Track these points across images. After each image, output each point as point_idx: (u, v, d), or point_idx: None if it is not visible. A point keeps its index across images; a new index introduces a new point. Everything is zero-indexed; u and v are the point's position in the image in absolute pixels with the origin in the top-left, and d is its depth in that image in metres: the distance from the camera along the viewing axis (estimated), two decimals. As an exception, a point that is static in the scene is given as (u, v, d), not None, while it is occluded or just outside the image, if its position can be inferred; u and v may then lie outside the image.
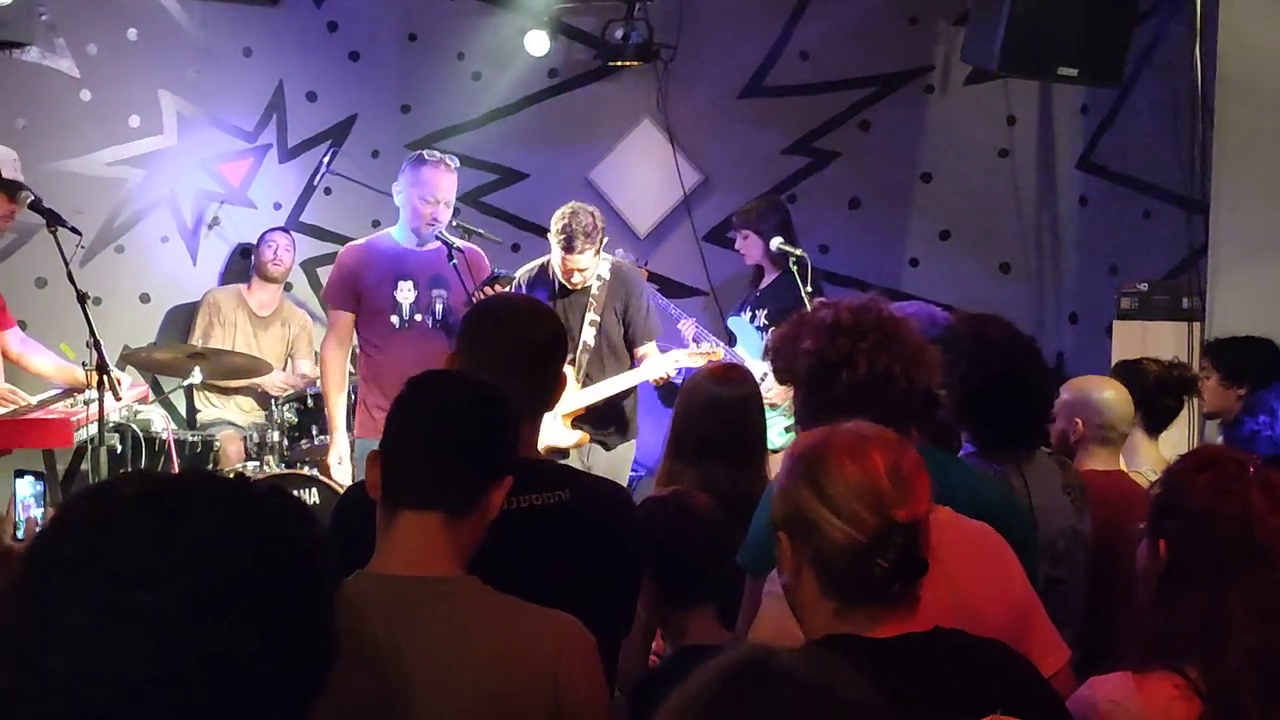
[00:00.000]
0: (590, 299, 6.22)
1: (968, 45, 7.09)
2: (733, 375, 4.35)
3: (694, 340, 6.92)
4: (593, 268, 6.16)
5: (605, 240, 6.20)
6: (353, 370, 6.15)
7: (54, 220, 5.47)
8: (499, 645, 2.31)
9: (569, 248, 6.04)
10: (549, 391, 2.96)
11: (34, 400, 5.67)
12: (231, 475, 1.51)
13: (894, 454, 2.12)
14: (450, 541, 2.35)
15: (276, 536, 1.35)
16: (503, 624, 2.34)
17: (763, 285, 7.29)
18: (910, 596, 2.12)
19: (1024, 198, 8.18)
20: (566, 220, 6.04)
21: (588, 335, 6.21)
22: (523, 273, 6.35)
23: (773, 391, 5.19)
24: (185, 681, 1.27)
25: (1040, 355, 3.59)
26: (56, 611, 1.28)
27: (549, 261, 6.24)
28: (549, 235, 6.16)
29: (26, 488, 3.89)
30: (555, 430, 6.17)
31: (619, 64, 8.08)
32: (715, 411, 4.11)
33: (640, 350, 6.31)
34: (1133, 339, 6.77)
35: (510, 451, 2.46)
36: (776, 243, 6.99)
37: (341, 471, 5.96)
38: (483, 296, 5.50)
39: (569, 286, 6.19)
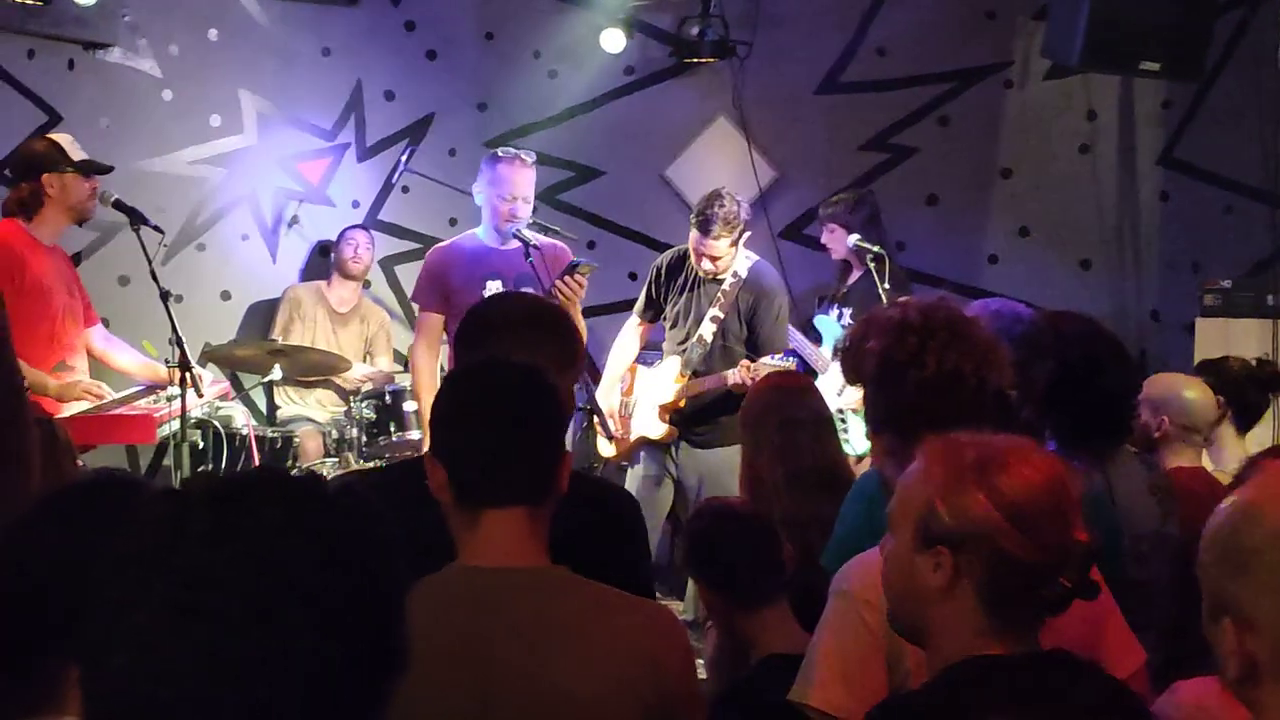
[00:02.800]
0: (720, 294, 6.08)
1: (1048, 39, 7.02)
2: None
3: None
4: (728, 258, 6.02)
5: (747, 234, 6.08)
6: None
7: (137, 219, 5.55)
8: (596, 636, 2.31)
9: (705, 230, 5.94)
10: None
11: (117, 396, 5.75)
12: (305, 472, 1.49)
13: (1063, 477, 2.07)
14: (536, 531, 2.36)
15: (341, 537, 1.34)
16: (599, 614, 2.34)
17: (850, 283, 7.17)
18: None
19: (1104, 194, 8.08)
20: (708, 203, 5.95)
21: (706, 330, 6.06)
22: (667, 255, 6.31)
23: (857, 397, 5.12)
24: (247, 683, 1.26)
25: (1121, 348, 3.53)
26: (123, 609, 1.28)
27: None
28: (691, 217, 6.10)
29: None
30: (649, 421, 6.17)
31: (694, 61, 8.07)
32: (786, 400, 4.17)
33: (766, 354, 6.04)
34: (1215, 337, 6.68)
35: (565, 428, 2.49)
36: (854, 239, 6.88)
37: None
38: (562, 286, 5.51)
39: (701, 275, 6.12)
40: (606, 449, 6.36)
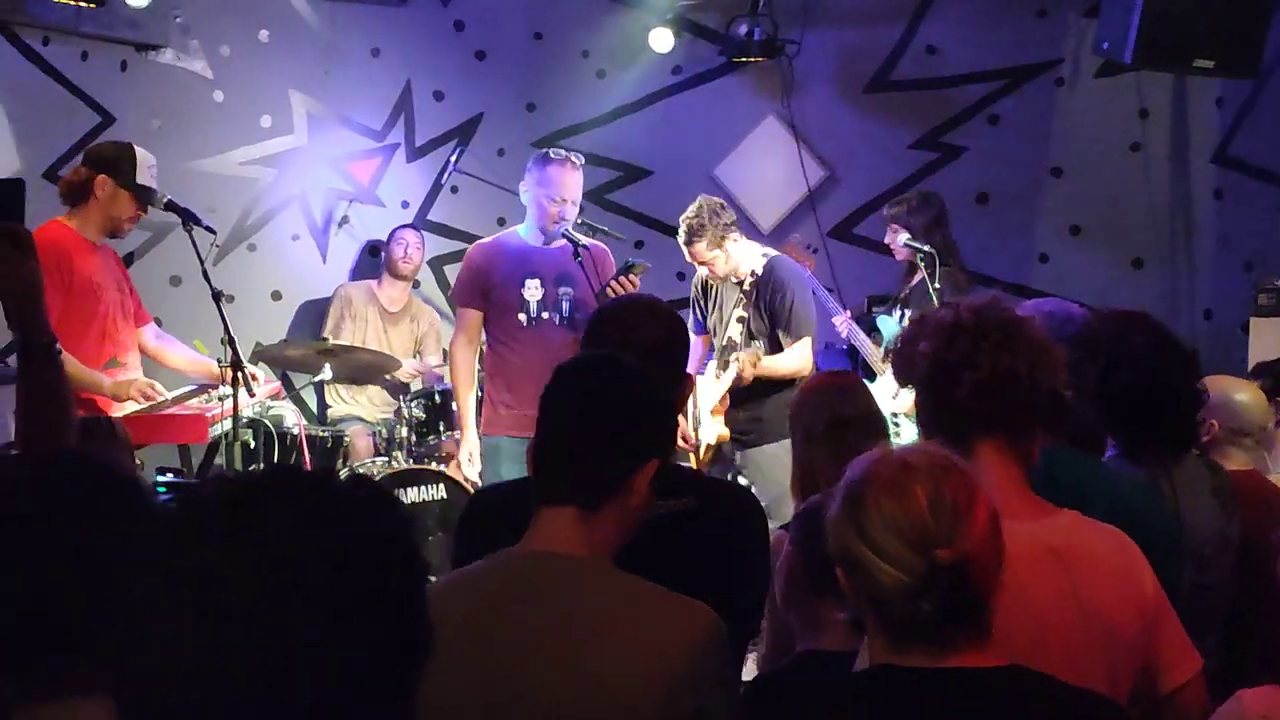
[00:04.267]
0: (741, 294, 6.12)
1: (1099, 37, 6.96)
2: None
3: (848, 337, 6.88)
4: (722, 263, 6.07)
5: (733, 237, 6.07)
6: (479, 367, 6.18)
7: (189, 219, 5.56)
8: (628, 625, 2.30)
9: (686, 241, 6.05)
10: (669, 390, 2.93)
11: (169, 396, 5.78)
12: (320, 470, 1.49)
13: (938, 484, 2.03)
14: (585, 531, 2.35)
15: (354, 537, 1.35)
16: (632, 605, 2.33)
17: (912, 284, 7.01)
18: (975, 631, 2.04)
19: (1157, 192, 8.02)
20: (687, 214, 6.04)
21: (734, 331, 6.11)
22: (701, 270, 6.33)
23: (910, 401, 5.08)
24: (273, 680, 1.27)
25: (1189, 359, 3.49)
26: (143, 615, 1.29)
27: None
28: None
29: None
30: (707, 427, 6.19)
31: (743, 60, 8.05)
32: (836, 398, 4.15)
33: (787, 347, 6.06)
34: (1271, 336, 6.62)
35: (655, 433, 2.46)
36: (904, 238, 6.81)
37: (471, 469, 5.99)
38: (616, 287, 5.51)
39: (712, 282, 6.21)
40: (691, 461, 6.38)
